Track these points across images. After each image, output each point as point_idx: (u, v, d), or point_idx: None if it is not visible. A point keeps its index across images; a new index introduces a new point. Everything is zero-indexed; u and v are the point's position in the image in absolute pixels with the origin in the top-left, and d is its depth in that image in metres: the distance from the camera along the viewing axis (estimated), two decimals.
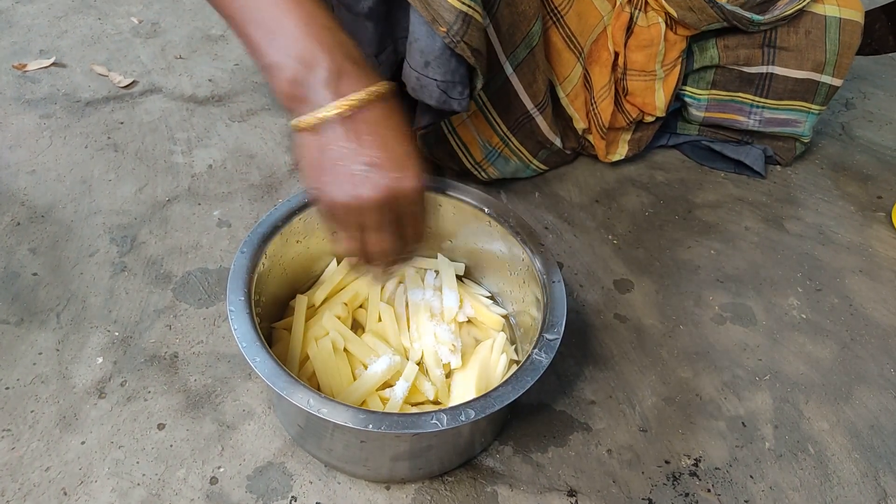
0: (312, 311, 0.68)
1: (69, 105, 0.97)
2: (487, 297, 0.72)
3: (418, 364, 0.64)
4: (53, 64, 1.04)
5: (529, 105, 0.84)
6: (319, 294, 0.68)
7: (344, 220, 0.52)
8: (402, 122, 0.52)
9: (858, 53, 0.90)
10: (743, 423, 0.68)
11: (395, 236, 0.53)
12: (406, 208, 0.52)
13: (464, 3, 0.62)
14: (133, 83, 1.02)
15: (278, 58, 0.49)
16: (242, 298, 0.57)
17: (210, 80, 1.04)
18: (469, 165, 0.87)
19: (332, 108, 0.48)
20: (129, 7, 1.18)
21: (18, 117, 0.94)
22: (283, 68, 0.49)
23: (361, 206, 0.50)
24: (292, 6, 0.50)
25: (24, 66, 1.03)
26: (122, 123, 0.95)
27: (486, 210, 0.67)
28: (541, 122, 0.86)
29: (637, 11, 0.87)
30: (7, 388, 0.64)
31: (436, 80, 0.67)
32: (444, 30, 0.63)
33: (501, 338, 0.66)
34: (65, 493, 0.58)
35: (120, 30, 1.13)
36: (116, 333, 0.70)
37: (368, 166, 0.49)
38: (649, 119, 0.94)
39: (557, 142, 0.90)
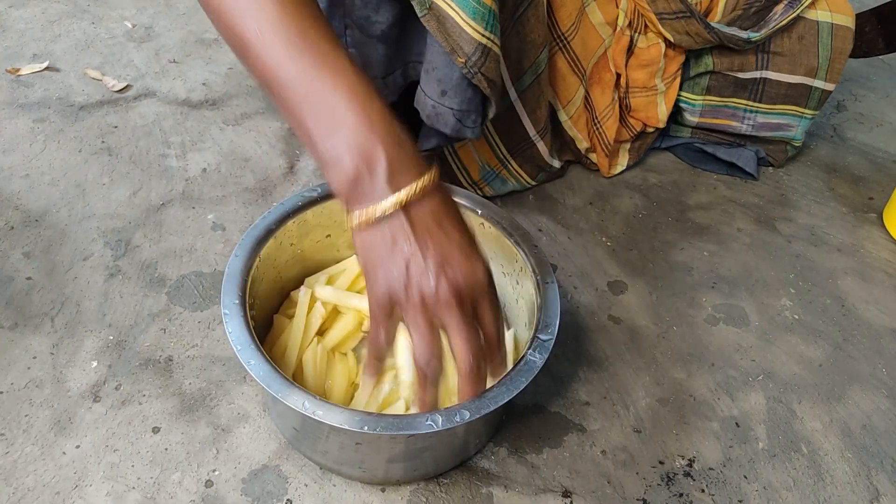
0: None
1: (63, 109, 0.97)
2: None
3: None
4: (47, 68, 1.04)
5: (532, 131, 0.85)
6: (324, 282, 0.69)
7: (420, 320, 0.49)
8: (455, 206, 0.53)
9: (849, 56, 0.91)
10: (736, 423, 0.68)
11: (477, 335, 0.51)
12: (479, 300, 0.51)
13: (483, 35, 0.63)
14: (127, 87, 1.02)
15: (338, 152, 0.49)
16: (237, 301, 0.57)
17: (204, 84, 1.04)
18: (465, 184, 0.87)
19: (391, 202, 0.48)
20: (123, 11, 1.18)
21: (12, 122, 0.94)
22: (342, 164, 0.49)
23: (439, 304, 0.49)
24: (349, 97, 0.50)
25: (18, 70, 1.03)
26: (115, 127, 0.95)
27: (479, 212, 0.67)
28: (542, 147, 0.87)
29: (637, 34, 0.89)
30: (1, 393, 0.64)
31: (452, 108, 0.67)
32: (463, 60, 0.63)
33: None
34: (59, 498, 0.58)
35: (113, 34, 1.13)
36: (111, 337, 0.70)
37: (439, 263, 0.49)
38: (650, 130, 0.95)
39: (556, 164, 0.90)
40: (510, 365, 0.57)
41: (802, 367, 0.74)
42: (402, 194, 0.49)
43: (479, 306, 0.51)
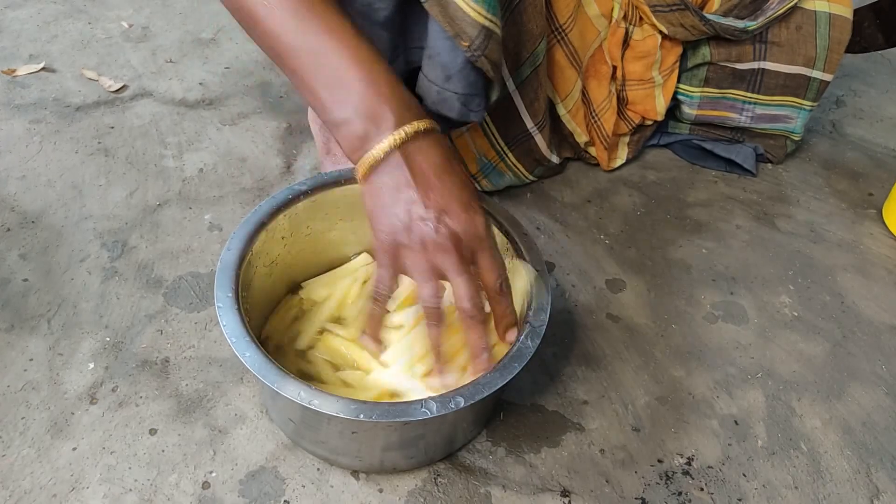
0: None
1: (59, 110, 0.97)
2: None
3: None
4: (43, 69, 1.04)
5: (530, 124, 0.85)
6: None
7: (421, 266, 0.53)
8: (457, 159, 0.55)
9: (847, 51, 0.90)
10: (735, 421, 0.68)
11: (474, 279, 0.54)
12: (477, 250, 0.54)
13: (486, 18, 0.63)
14: (123, 87, 1.02)
15: (346, 115, 0.53)
16: (230, 295, 0.57)
17: (201, 84, 1.04)
18: None
19: (388, 142, 0.52)
20: (120, 11, 1.18)
21: (8, 122, 0.94)
22: (351, 125, 0.53)
23: (438, 250, 0.52)
24: (355, 62, 0.53)
25: (14, 71, 1.02)
26: (112, 128, 0.95)
27: None
28: (539, 140, 0.87)
29: (631, 27, 0.88)
30: None
31: (457, 93, 0.68)
32: (467, 44, 0.63)
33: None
34: (56, 500, 0.58)
35: (110, 34, 1.13)
36: (108, 339, 0.70)
37: (439, 211, 0.52)
38: (649, 122, 0.94)
39: (554, 158, 0.90)
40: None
41: (802, 364, 0.74)
42: (399, 134, 0.52)
43: (477, 257, 0.54)
